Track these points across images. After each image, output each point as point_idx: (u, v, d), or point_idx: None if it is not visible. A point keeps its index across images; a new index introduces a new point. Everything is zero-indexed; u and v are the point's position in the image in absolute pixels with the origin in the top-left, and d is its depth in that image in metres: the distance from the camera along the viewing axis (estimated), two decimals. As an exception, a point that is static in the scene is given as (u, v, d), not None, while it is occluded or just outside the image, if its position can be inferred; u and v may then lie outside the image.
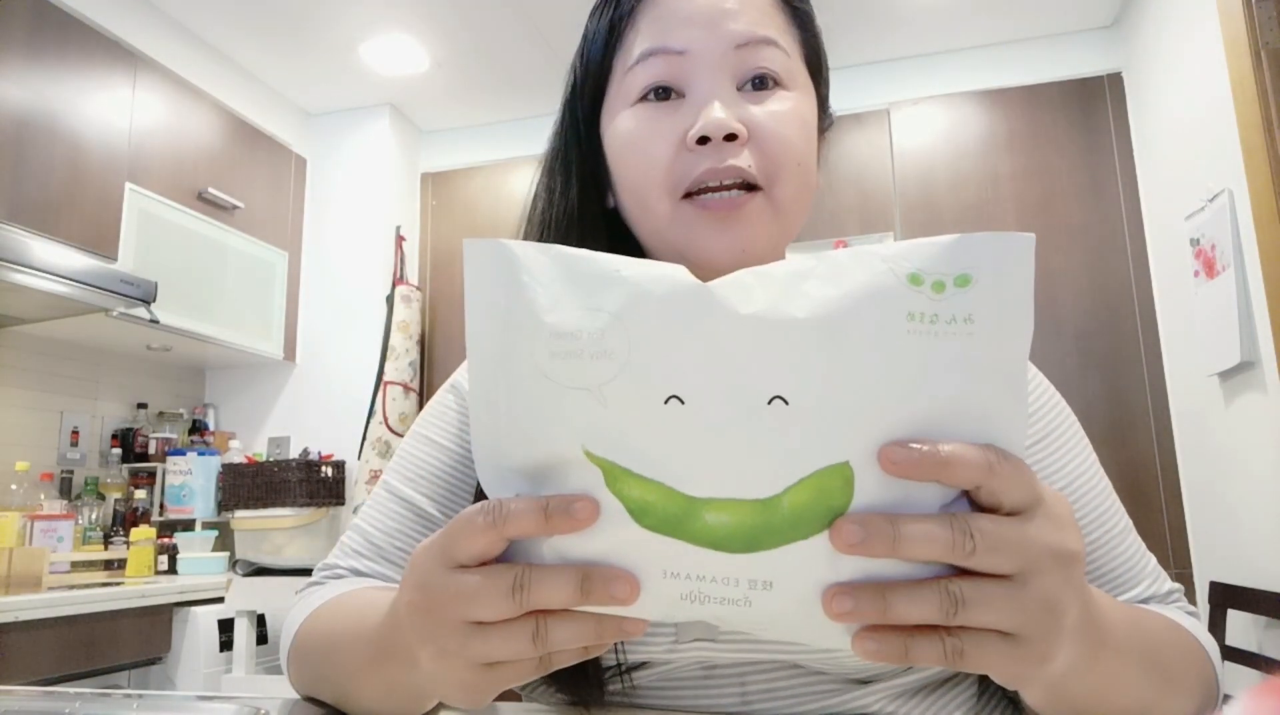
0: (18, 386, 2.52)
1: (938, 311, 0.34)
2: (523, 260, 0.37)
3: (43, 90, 2.24)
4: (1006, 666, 0.36)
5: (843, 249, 0.36)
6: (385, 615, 0.47)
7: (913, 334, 0.34)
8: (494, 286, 0.38)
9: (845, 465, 0.34)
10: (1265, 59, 1.94)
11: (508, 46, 2.94)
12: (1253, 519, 2.15)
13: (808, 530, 0.34)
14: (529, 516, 0.36)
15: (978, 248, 0.34)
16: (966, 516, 0.34)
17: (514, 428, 0.38)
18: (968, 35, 2.95)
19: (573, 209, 0.65)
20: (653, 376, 0.35)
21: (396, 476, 0.69)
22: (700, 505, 0.35)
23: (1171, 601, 0.61)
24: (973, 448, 0.34)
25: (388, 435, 2.96)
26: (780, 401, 0.34)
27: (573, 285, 0.36)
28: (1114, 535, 0.61)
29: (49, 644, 1.82)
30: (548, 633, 0.37)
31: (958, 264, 0.34)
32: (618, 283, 0.36)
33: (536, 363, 0.36)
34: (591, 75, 0.65)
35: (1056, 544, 0.35)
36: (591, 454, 0.36)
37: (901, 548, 0.34)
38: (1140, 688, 0.46)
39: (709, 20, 0.60)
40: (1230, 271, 2.09)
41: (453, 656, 0.38)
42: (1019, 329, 0.35)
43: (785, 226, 0.62)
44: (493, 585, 0.37)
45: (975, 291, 0.34)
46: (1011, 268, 0.34)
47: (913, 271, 0.34)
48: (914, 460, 0.33)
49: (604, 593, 0.36)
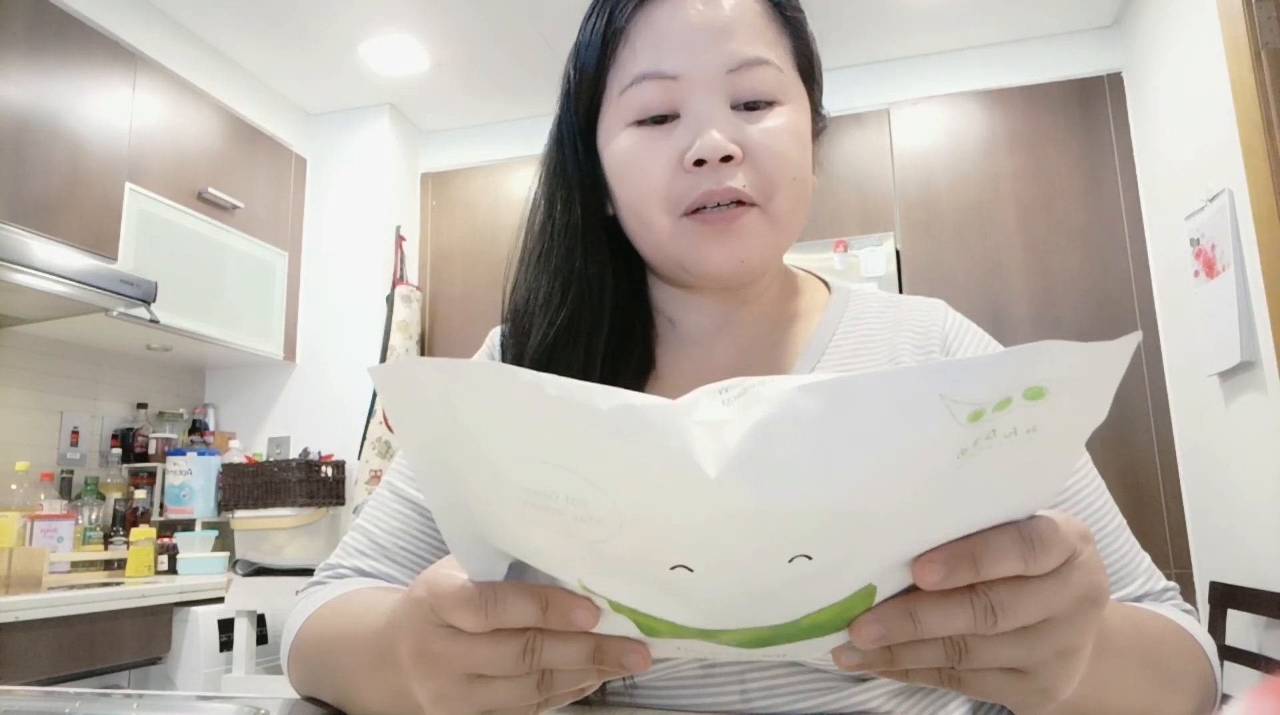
0: (18, 386, 2.52)
1: (995, 428, 0.28)
2: (453, 398, 0.30)
3: (43, 90, 2.24)
4: (1009, 696, 0.36)
5: (873, 375, 0.27)
6: (386, 620, 0.46)
7: (956, 467, 0.29)
8: (428, 424, 0.32)
9: (870, 588, 0.33)
10: (1265, 59, 1.94)
11: (508, 46, 2.94)
12: (1253, 519, 2.15)
13: (824, 633, 0.34)
14: (524, 612, 0.34)
15: (1061, 358, 0.27)
16: (987, 589, 0.33)
17: (496, 535, 0.35)
18: (968, 35, 2.95)
19: (576, 220, 0.66)
20: (652, 548, 0.30)
21: (399, 476, 0.70)
22: (713, 634, 0.34)
23: (1166, 599, 0.61)
24: (1004, 540, 0.32)
25: (388, 435, 2.96)
26: (804, 559, 0.30)
27: (516, 428, 0.29)
28: (1108, 533, 0.62)
29: (49, 644, 1.82)
30: (553, 681, 0.36)
31: (1033, 377, 0.27)
32: (569, 432, 0.28)
33: (512, 506, 0.31)
34: (586, 84, 0.66)
35: (1084, 591, 0.34)
36: (591, 590, 0.34)
37: (921, 633, 0.33)
38: (1141, 690, 0.46)
39: (702, 42, 0.61)
40: (1230, 271, 2.09)
41: (455, 702, 0.38)
42: (1088, 425, 0.30)
43: (783, 237, 0.64)
44: (502, 652, 0.35)
45: (1047, 405, 0.28)
46: (1099, 376, 0.28)
47: (976, 409, 0.27)
48: (951, 577, 0.32)
49: (616, 665, 0.35)
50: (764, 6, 0.65)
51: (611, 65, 0.64)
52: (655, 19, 0.63)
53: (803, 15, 0.68)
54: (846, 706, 0.57)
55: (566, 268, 0.65)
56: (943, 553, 0.32)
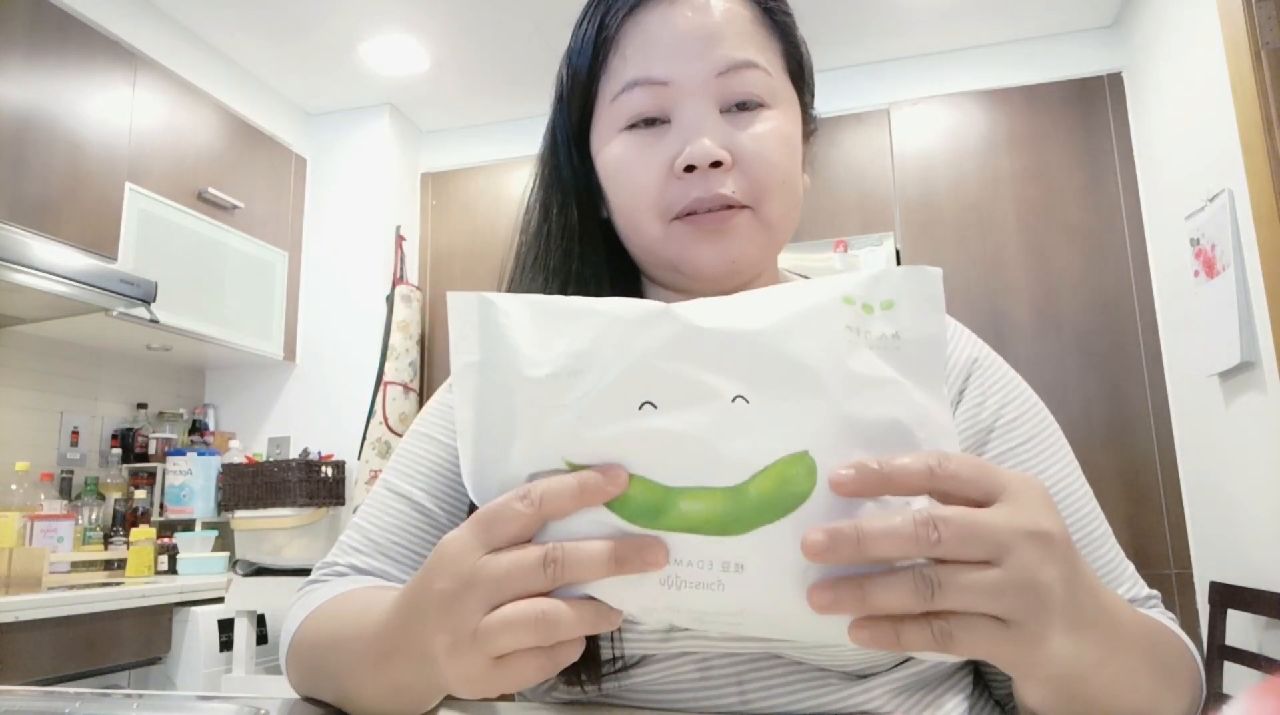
0: (18, 386, 2.52)
1: (869, 328, 0.41)
2: (502, 307, 0.42)
3: (43, 90, 2.24)
4: (1000, 650, 0.37)
5: (787, 284, 0.42)
6: (389, 613, 0.47)
7: (850, 343, 0.40)
8: (478, 332, 0.43)
9: (805, 454, 0.38)
10: (1265, 59, 1.94)
11: (508, 46, 2.94)
12: (1253, 519, 2.16)
13: (773, 515, 0.37)
14: (566, 494, 0.38)
15: (896, 279, 0.41)
16: (930, 510, 0.36)
17: (500, 452, 0.42)
18: (968, 35, 2.95)
19: (572, 225, 0.67)
20: (626, 387, 0.39)
21: (395, 474, 0.70)
22: (675, 494, 0.38)
23: (1149, 607, 0.62)
24: (913, 457, 0.37)
25: (388, 435, 2.96)
26: (742, 400, 0.39)
27: (548, 324, 0.41)
28: (1094, 538, 0.62)
29: (49, 644, 1.82)
30: (557, 620, 0.39)
31: (882, 292, 0.41)
32: (590, 315, 0.41)
33: (520, 393, 0.41)
34: (578, 90, 0.67)
35: (1028, 525, 0.37)
36: (573, 463, 0.40)
37: (867, 549, 0.36)
38: (1149, 685, 0.46)
39: (691, 49, 0.62)
40: (1230, 271, 2.09)
41: (466, 651, 0.40)
42: (936, 345, 0.41)
43: (774, 239, 0.65)
44: (527, 560, 0.39)
45: (897, 314, 0.41)
46: (925, 295, 0.41)
47: (845, 294, 0.41)
48: (859, 480, 0.36)
49: (639, 560, 0.38)
50: (753, 11, 0.65)
51: (603, 72, 0.65)
52: (645, 26, 0.63)
53: (792, 19, 0.69)
54: (846, 706, 0.57)
55: (563, 270, 0.66)
56: (852, 463, 0.37)
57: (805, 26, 0.70)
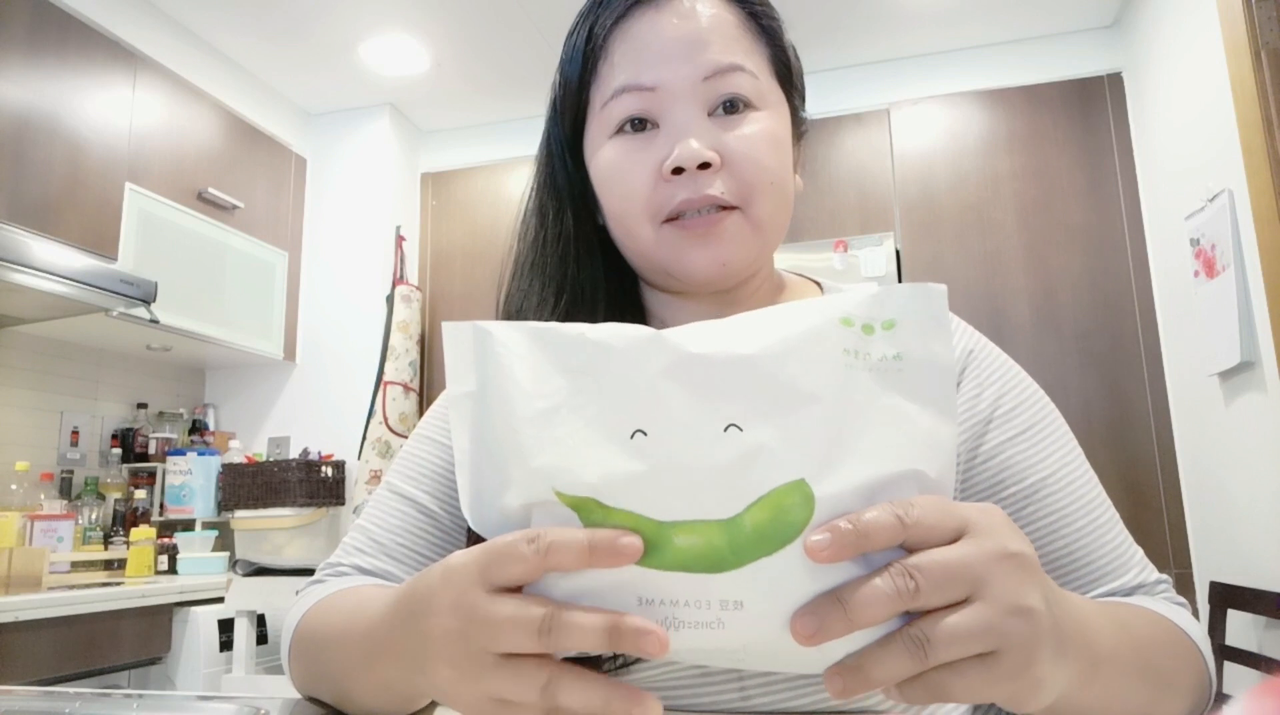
0: (18, 386, 2.52)
1: (870, 350, 0.39)
2: (498, 336, 0.42)
3: (43, 90, 2.24)
4: (996, 686, 0.36)
5: (783, 304, 0.41)
6: (383, 613, 0.47)
7: (849, 367, 0.38)
8: (473, 362, 0.42)
9: (801, 482, 0.37)
10: (1265, 59, 1.94)
11: (508, 46, 2.94)
12: (1253, 519, 2.16)
13: (770, 547, 0.36)
14: (574, 550, 0.37)
15: (898, 298, 0.40)
16: (902, 561, 0.36)
17: (497, 482, 0.41)
18: (968, 35, 2.95)
19: (568, 231, 0.68)
20: (618, 416, 0.38)
21: (398, 476, 0.70)
22: (668, 529, 0.37)
23: (1159, 592, 0.61)
24: (881, 510, 0.36)
25: (388, 435, 2.96)
26: (735, 428, 0.37)
27: (543, 353, 0.41)
28: (1100, 524, 0.62)
29: (49, 644, 1.82)
30: (557, 690, 0.37)
31: (883, 312, 0.39)
32: (582, 343, 0.40)
33: (515, 422, 0.40)
34: (570, 98, 0.68)
35: (997, 550, 0.37)
36: (562, 494, 0.38)
37: (854, 617, 0.35)
38: (1138, 695, 0.46)
39: (678, 54, 0.63)
40: (1230, 271, 2.09)
41: (470, 685, 0.39)
42: (941, 366, 0.39)
43: (765, 240, 0.65)
44: (524, 621, 0.37)
45: (899, 334, 0.39)
46: (929, 314, 0.40)
47: (844, 315, 0.39)
48: (836, 544, 0.35)
49: (633, 645, 0.36)
50: (739, 17, 0.66)
51: (593, 80, 0.66)
52: (633, 33, 0.64)
53: (779, 23, 0.69)
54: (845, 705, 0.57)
55: (560, 275, 0.67)
56: (824, 526, 0.36)
57: (805, 26, 0.70)
